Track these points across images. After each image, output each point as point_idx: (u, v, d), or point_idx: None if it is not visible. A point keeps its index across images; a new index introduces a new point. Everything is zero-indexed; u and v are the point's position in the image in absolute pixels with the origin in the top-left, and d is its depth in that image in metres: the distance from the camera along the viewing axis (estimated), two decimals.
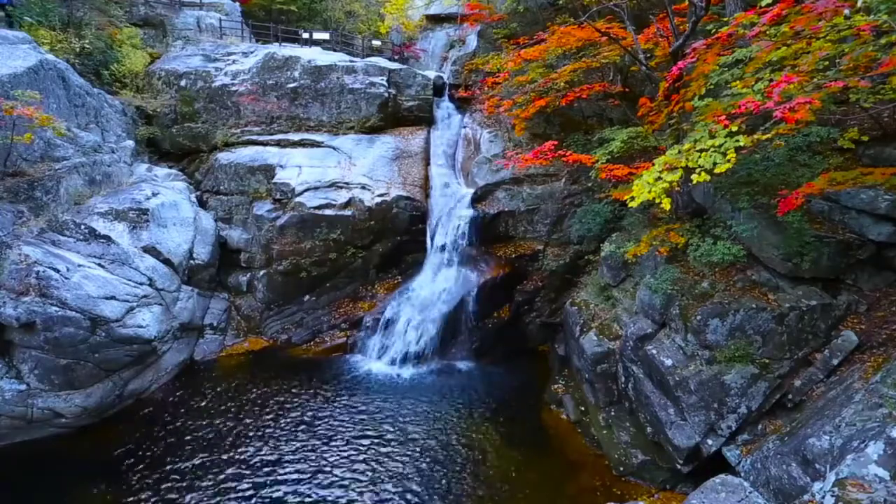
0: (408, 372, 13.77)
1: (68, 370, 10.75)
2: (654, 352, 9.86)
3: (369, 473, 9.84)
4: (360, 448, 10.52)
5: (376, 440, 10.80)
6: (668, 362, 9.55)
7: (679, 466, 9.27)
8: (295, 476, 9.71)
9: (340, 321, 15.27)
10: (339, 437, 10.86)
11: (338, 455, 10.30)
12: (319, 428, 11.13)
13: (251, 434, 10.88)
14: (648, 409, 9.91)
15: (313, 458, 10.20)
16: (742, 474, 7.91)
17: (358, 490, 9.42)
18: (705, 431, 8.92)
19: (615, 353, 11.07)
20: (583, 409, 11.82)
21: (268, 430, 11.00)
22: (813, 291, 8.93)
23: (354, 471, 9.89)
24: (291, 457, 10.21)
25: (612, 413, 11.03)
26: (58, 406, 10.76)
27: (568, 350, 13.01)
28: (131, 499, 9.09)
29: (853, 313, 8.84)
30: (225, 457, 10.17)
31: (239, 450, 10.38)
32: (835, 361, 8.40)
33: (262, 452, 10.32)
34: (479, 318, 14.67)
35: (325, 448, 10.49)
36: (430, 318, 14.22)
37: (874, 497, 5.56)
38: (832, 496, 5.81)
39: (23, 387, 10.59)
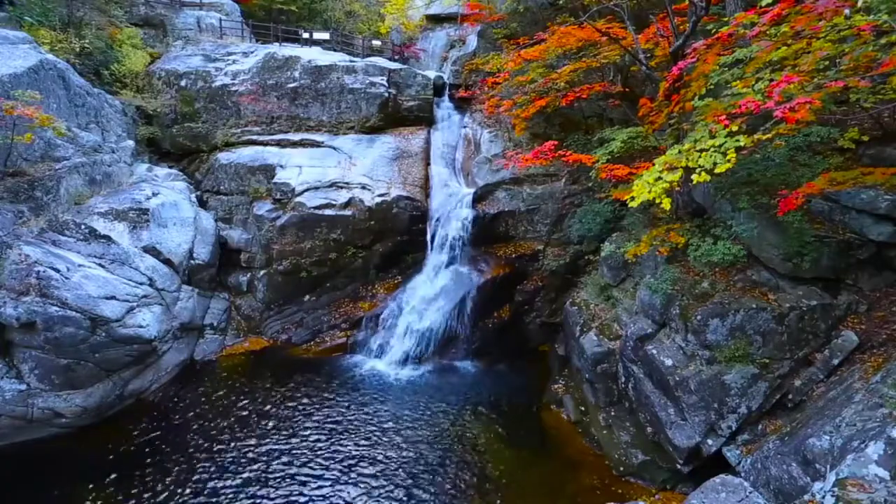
0: (408, 372, 13.77)
1: (68, 370, 10.75)
2: (655, 352, 9.86)
3: (369, 473, 9.84)
4: (361, 448, 10.52)
5: (376, 440, 10.80)
6: (669, 362, 9.55)
7: (679, 466, 9.28)
8: (295, 476, 9.71)
9: (340, 321, 15.27)
10: (339, 437, 10.85)
11: (338, 455, 10.30)
12: (319, 428, 11.12)
13: (251, 434, 10.88)
14: (648, 409, 9.91)
15: (313, 458, 10.20)
16: (742, 474, 7.91)
17: (358, 490, 9.42)
18: (705, 431, 8.92)
19: (615, 353, 11.07)
20: (583, 409, 11.82)
21: (268, 430, 11.00)
22: (813, 291, 8.93)
23: (354, 471, 9.89)
24: (291, 456, 10.21)
25: (613, 413, 11.03)
26: (58, 406, 10.76)
27: (568, 350, 13.01)
28: (131, 499, 9.10)
29: (853, 313, 8.85)
30: (225, 457, 10.17)
31: (239, 450, 10.38)
32: (835, 361, 8.40)
33: (263, 452, 10.32)
34: (479, 318, 14.67)
35: (325, 448, 10.49)
36: (430, 319, 14.23)
37: (874, 497, 5.56)
38: (832, 496, 5.81)
39: (23, 387, 10.59)
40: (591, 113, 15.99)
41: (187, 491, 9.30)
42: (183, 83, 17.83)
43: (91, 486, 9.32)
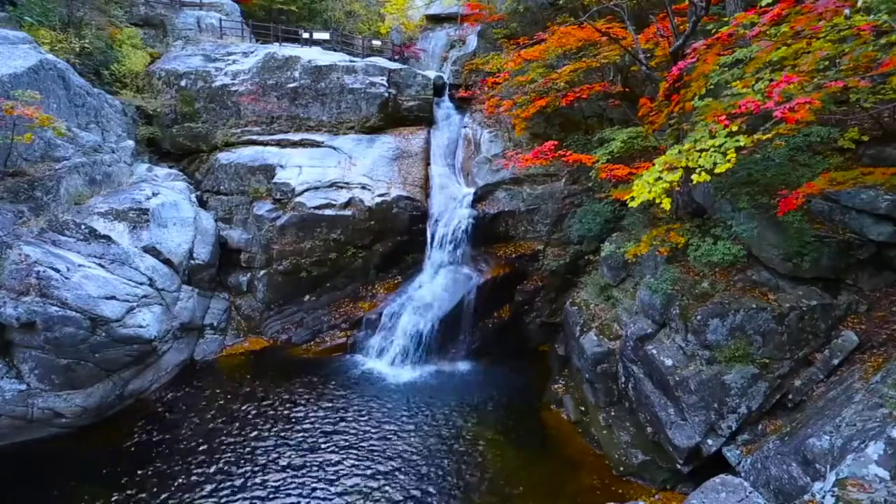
0: (408, 372, 13.77)
1: (68, 370, 10.75)
2: (655, 352, 9.86)
3: (370, 473, 9.84)
4: (360, 449, 10.52)
5: (376, 440, 10.79)
6: (669, 362, 9.55)
7: (679, 466, 9.28)
8: (295, 477, 9.71)
9: (340, 321, 15.27)
10: (339, 437, 10.86)
11: (337, 456, 10.29)
12: (319, 428, 11.12)
13: (251, 434, 10.88)
14: (648, 409, 9.91)
15: (312, 459, 10.20)
16: (742, 474, 7.91)
17: (358, 490, 9.42)
18: (705, 431, 8.92)
19: (615, 353, 11.07)
20: (583, 409, 11.82)
21: (267, 431, 11.00)
22: (813, 291, 8.93)
23: (354, 472, 9.89)
24: (290, 457, 10.21)
25: (613, 413, 11.03)
26: (58, 406, 10.76)
27: (568, 350, 13.01)
28: (131, 499, 9.10)
29: (853, 313, 8.85)
30: (224, 457, 10.17)
31: (238, 450, 10.38)
32: (835, 361, 8.40)
33: (262, 453, 10.32)
34: (479, 318, 14.68)
35: (324, 449, 10.49)
36: (429, 318, 14.22)
37: (874, 497, 5.56)
38: (832, 496, 5.82)
39: (23, 387, 10.59)
40: (591, 113, 15.98)
41: (186, 491, 9.29)
42: (183, 83, 17.83)
43: (91, 486, 9.32)
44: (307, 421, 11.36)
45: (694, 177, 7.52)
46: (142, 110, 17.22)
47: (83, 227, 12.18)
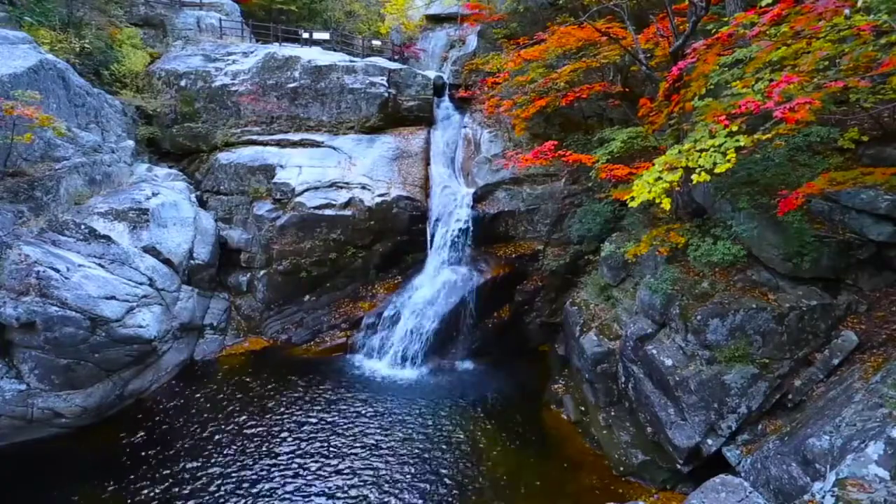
0: (408, 372, 13.77)
1: (68, 370, 10.75)
2: (655, 352, 9.86)
3: (370, 474, 9.84)
4: (361, 449, 10.53)
5: (377, 440, 10.79)
6: (669, 362, 9.55)
7: (679, 466, 9.28)
8: (294, 477, 9.71)
9: (340, 321, 15.27)
10: (339, 437, 10.86)
11: (338, 456, 10.30)
12: (319, 429, 11.13)
13: (251, 434, 10.87)
14: (648, 409, 9.91)
15: (312, 459, 10.20)
16: (742, 474, 7.91)
17: (359, 491, 9.41)
18: (705, 431, 8.92)
19: (615, 353, 11.07)
20: (583, 409, 11.82)
21: (267, 431, 11.00)
22: (813, 291, 8.93)
23: (355, 472, 9.90)
24: (291, 457, 10.21)
25: (612, 413, 11.03)
26: (58, 406, 10.76)
27: (568, 350, 13.01)
28: (131, 499, 9.09)
29: (853, 313, 8.84)
30: (224, 457, 10.17)
31: (238, 450, 10.38)
32: (835, 361, 8.40)
33: (262, 453, 10.32)
34: (479, 318, 14.67)
35: (324, 449, 10.49)
36: (429, 319, 14.22)
37: (874, 497, 5.55)
38: (832, 496, 5.81)
39: (23, 387, 10.59)
40: (591, 113, 15.99)
41: (186, 491, 9.29)
42: (183, 83, 17.83)
43: (91, 486, 9.32)
44: (306, 421, 11.35)
45: (694, 177, 7.52)
46: (142, 110, 17.22)
47: (83, 227, 12.18)
